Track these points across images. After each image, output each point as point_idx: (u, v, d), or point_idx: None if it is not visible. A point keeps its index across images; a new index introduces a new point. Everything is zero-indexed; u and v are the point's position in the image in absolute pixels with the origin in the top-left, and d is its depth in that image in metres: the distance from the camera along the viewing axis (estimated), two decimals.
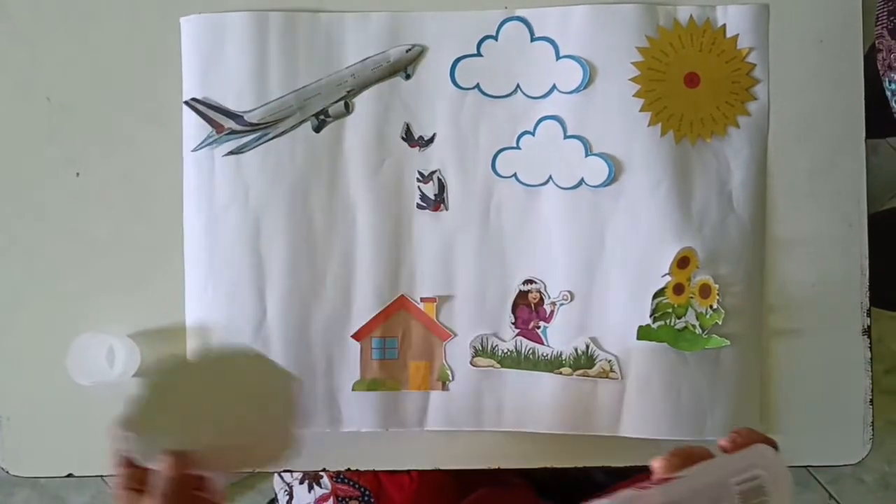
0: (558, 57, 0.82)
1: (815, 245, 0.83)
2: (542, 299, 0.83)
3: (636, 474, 0.95)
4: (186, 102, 0.83)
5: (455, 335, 0.83)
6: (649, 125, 0.80)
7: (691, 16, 0.81)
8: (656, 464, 0.56)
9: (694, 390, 0.81)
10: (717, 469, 0.55)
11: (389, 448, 0.85)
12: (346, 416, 0.83)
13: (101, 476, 0.88)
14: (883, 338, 1.70)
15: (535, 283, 0.83)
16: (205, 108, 0.82)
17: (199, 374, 0.67)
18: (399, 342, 0.84)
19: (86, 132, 0.85)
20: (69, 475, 0.86)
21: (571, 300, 0.82)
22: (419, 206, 0.83)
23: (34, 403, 0.86)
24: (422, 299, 0.84)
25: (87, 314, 0.84)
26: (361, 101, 0.83)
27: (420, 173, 0.83)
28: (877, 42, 0.96)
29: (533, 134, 0.82)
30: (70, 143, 0.85)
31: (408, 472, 0.94)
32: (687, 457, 0.55)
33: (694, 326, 0.80)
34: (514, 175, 0.83)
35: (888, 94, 0.95)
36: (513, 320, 0.83)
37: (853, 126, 0.83)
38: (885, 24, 0.94)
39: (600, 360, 0.82)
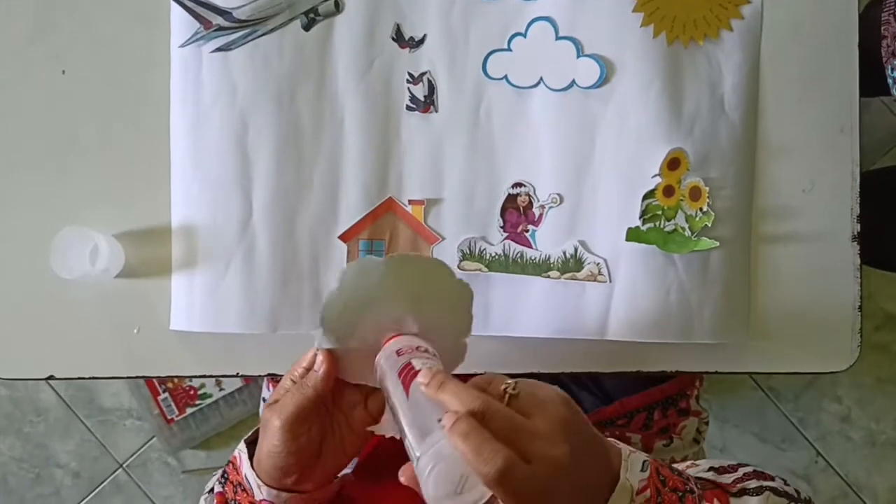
0: None
1: (807, 150, 0.82)
2: (530, 202, 0.82)
3: (621, 397, 0.95)
4: None
5: (443, 238, 0.83)
6: (642, 26, 0.80)
7: None
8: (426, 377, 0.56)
9: (682, 293, 0.80)
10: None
11: None
12: None
13: (81, 378, 0.86)
14: (873, 294, 1.71)
15: (524, 186, 0.82)
16: (192, 4, 0.81)
17: (391, 278, 0.64)
18: (386, 244, 0.83)
19: (72, 29, 0.83)
20: (50, 377, 0.85)
21: (560, 203, 0.82)
22: (408, 108, 0.83)
23: (15, 306, 0.85)
24: (410, 202, 0.83)
25: (71, 214, 0.83)
26: (352, 0, 0.82)
27: (410, 74, 0.82)
28: (882, 28, 0.95)
29: (524, 35, 0.81)
30: (56, 40, 0.83)
31: None
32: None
33: (683, 229, 0.80)
34: (505, 77, 0.82)
35: (889, 81, 0.94)
36: (501, 224, 0.82)
37: (846, 31, 0.82)
38: (891, 10, 0.93)
39: (588, 264, 0.81)
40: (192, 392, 1.71)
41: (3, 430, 1.81)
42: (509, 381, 0.57)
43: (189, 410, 1.72)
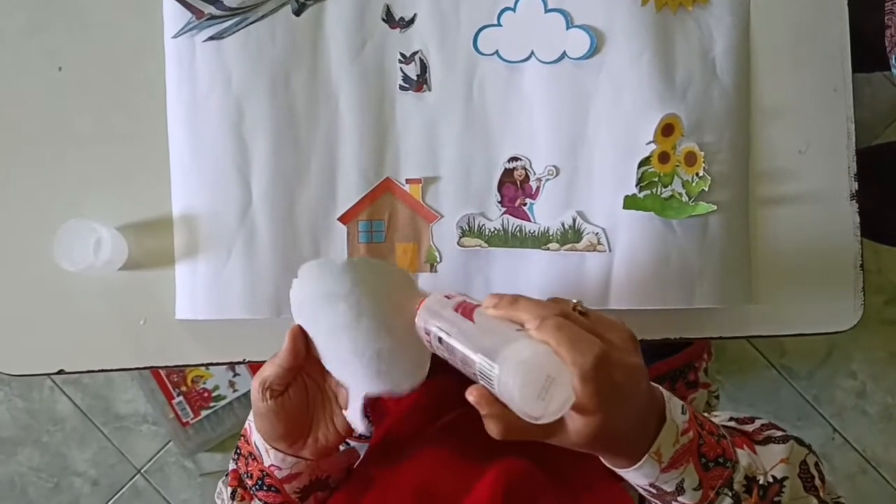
0: None
1: (801, 111, 0.82)
2: (527, 176, 0.82)
3: None
4: None
5: (441, 216, 0.83)
6: None
7: None
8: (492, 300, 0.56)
9: (682, 259, 0.80)
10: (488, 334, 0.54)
11: None
12: None
13: (90, 371, 0.87)
14: (882, 269, 1.70)
15: (520, 159, 0.82)
16: None
17: (348, 281, 0.64)
18: (386, 225, 0.83)
19: (67, 23, 0.84)
20: (60, 371, 0.86)
21: (557, 175, 0.82)
22: (402, 88, 0.83)
23: (21, 302, 0.86)
24: (407, 181, 0.83)
25: (73, 207, 0.84)
26: None
27: (402, 54, 0.83)
28: (886, 18, 0.95)
29: (514, 10, 0.82)
30: (51, 35, 0.84)
31: None
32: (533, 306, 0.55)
33: (680, 194, 0.80)
34: (496, 52, 0.82)
35: (893, 71, 0.94)
36: (499, 199, 0.83)
37: None
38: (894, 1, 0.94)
39: (587, 234, 0.81)
40: (205, 394, 1.72)
41: (21, 440, 1.82)
42: (575, 300, 0.58)
43: (204, 413, 1.73)
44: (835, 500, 0.67)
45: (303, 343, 0.67)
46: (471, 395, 0.53)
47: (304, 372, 0.69)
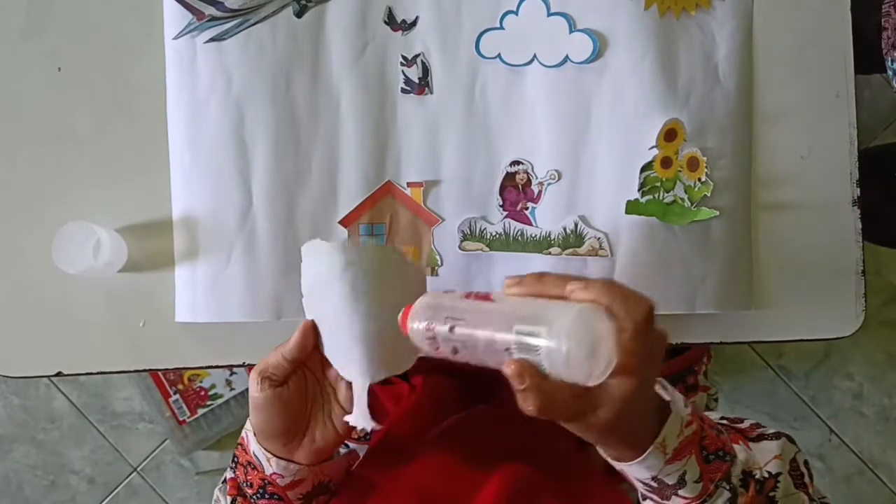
0: None
1: (803, 116, 0.82)
2: (529, 180, 0.82)
3: None
4: None
5: (443, 220, 0.83)
6: None
7: None
8: (508, 281, 0.55)
9: (684, 264, 0.80)
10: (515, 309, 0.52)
11: None
12: None
13: (89, 373, 0.86)
14: (881, 270, 1.70)
15: (522, 163, 0.82)
16: None
17: (341, 263, 0.64)
18: (387, 228, 0.83)
19: (66, 25, 0.84)
20: (59, 373, 0.85)
21: (559, 179, 0.82)
22: (403, 91, 0.83)
23: (21, 304, 0.85)
24: (408, 184, 0.83)
25: (72, 210, 0.84)
26: None
27: (403, 57, 0.83)
28: (883, 20, 0.95)
29: (516, 13, 0.81)
30: (51, 36, 0.84)
31: (408, 381, 0.92)
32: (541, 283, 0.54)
33: (682, 200, 0.79)
34: (499, 55, 0.82)
35: (889, 73, 0.94)
36: (500, 202, 0.82)
37: None
38: (892, 2, 0.94)
39: (589, 238, 0.81)
40: (202, 393, 1.72)
41: (18, 438, 1.82)
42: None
43: (200, 411, 1.73)
44: (821, 499, 0.67)
45: (312, 338, 0.67)
46: (509, 368, 0.50)
47: (306, 366, 0.69)
